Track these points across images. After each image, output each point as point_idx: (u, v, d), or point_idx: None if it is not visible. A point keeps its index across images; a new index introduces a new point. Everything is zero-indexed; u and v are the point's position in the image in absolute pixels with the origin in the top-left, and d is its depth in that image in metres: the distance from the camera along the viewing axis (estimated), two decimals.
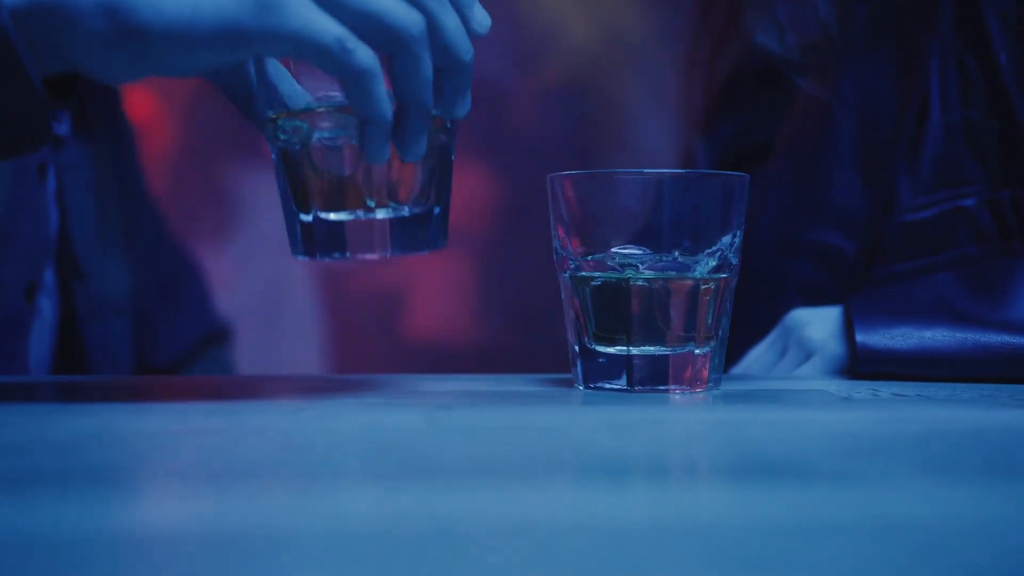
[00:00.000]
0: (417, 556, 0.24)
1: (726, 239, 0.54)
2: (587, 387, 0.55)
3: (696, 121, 0.89)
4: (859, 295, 0.67)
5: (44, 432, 0.40)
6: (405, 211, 0.49)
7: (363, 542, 0.26)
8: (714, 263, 0.54)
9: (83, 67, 0.46)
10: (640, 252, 0.54)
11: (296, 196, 0.49)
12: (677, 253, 0.53)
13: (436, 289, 2.45)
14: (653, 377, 0.54)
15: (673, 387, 0.54)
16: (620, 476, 0.34)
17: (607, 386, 0.55)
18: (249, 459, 0.36)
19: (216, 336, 1.01)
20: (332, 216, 0.48)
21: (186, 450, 0.38)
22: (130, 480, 0.34)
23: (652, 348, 0.54)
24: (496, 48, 2.54)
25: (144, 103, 1.86)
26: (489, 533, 0.27)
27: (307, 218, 0.48)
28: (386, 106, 0.45)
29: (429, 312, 2.49)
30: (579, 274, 0.55)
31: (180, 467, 0.35)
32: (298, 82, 0.49)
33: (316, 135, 0.48)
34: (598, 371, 0.55)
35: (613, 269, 0.54)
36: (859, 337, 0.62)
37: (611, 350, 0.55)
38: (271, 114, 0.48)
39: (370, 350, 2.35)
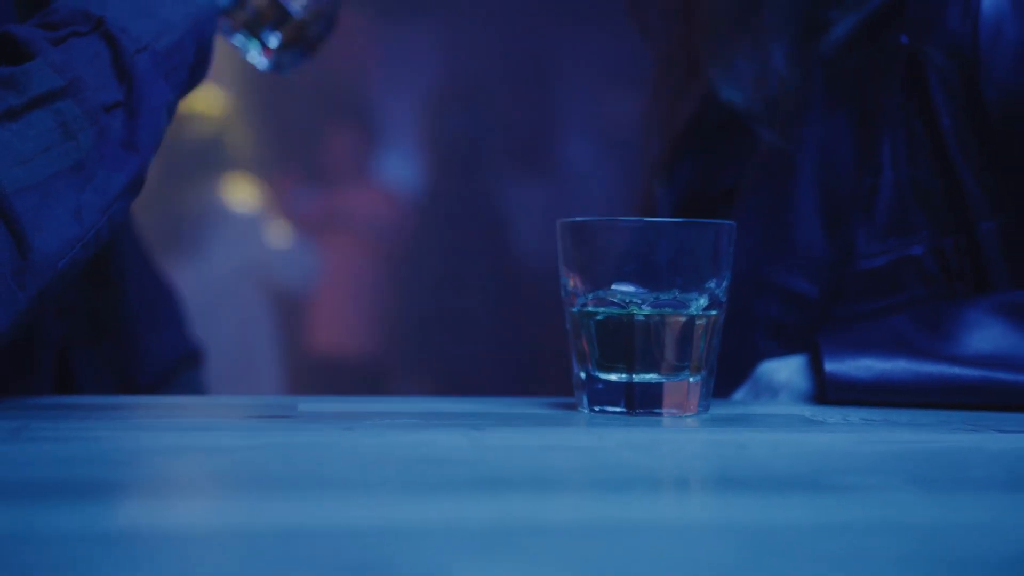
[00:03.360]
0: (492, 554, 0.31)
1: (716, 279, 0.61)
2: (591, 410, 0.62)
3: (655, 168, 0.96)
4: (825, 332, 0.74)
5: (149, 444, 0.46)
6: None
7: (453, 540, 0.32)
8: (705, 301, 0.61)
9: None
10: (638, 290, 0.60)
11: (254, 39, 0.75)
12: (676, 292, 0.60)
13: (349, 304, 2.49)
14: (651, 402, 0.61)
15: (668, 411, 0.61)
16: (646, 485, 0.41)
17: (609, 409, 0.61)
18: (327, 472, 0.42)
19: (192, 357, 1.07)
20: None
21: (254, 462, 0.44)
22: (216, 486, 0.40)
23: (650, 376, 0.61)
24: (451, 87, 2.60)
25: None
26: (549, 534, 0.33)
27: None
28: None
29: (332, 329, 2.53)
30: (585, 309, 0.61)
31: (249, 476, 0.41)
32: None
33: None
34: (600, 396, 0.62)
35: (617, 305, 0.60)
36: (828, 367, 0.69)
37: (612, 377, 0.61)
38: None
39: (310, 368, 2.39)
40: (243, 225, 2.44)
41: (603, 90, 2.54)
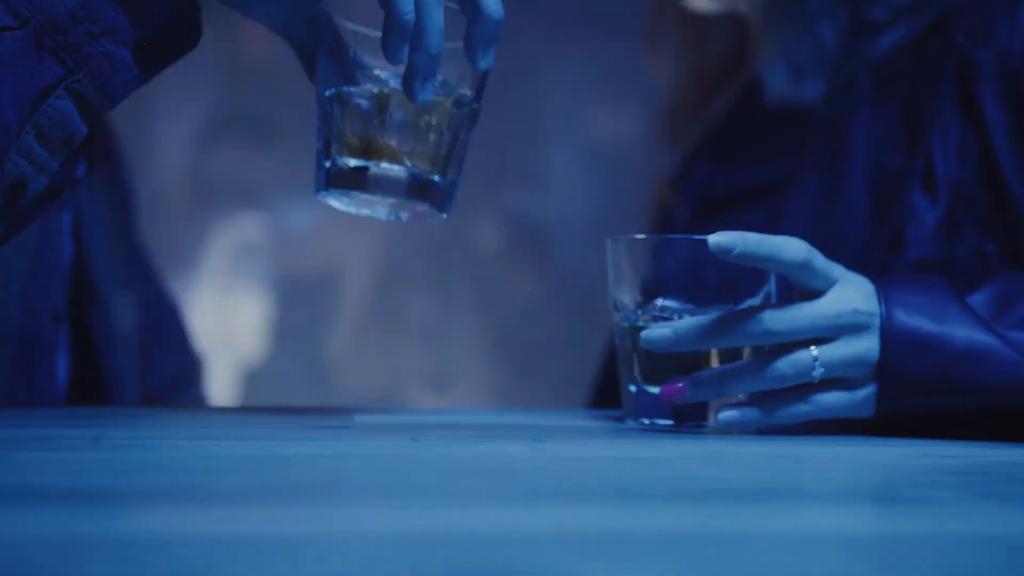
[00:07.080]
0: (614, 561, 0.32)
1: (761, 293, 0.63)
2: (639, 422, 0.63)
3: (668, 177, 0.98)
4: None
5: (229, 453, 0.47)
6: (418, 171, 0.57)
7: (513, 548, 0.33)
8: None
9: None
10: (687, 306, 0.62)
11: (337, 145, 0.57)
12: (726, 308, 0.61)
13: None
14: (698, 415, 0.62)
15: (712, 423, 0.62)
16: (729, 496, 0.42)
17: (658, 422, 0.63)
18: (411, 481, 0.43)
19: (194, 371, 1.08)
20: (353, 163, 0.57)
21: (339, 470, 0.45)
22: (308, 494, 0.41)
23: None
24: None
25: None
26: (665, 542, 0.34)
27: (343, 162, 0.57)
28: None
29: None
30: (637, 324, 0.63)
31: (325, 484, 0.42)
32: (357, 56, 0.58)
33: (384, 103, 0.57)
34: (649, 409, 0.63)
35: (666, 321, 0.62)
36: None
37: None
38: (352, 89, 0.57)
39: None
40: None
41: (593, 104, 2.56)
